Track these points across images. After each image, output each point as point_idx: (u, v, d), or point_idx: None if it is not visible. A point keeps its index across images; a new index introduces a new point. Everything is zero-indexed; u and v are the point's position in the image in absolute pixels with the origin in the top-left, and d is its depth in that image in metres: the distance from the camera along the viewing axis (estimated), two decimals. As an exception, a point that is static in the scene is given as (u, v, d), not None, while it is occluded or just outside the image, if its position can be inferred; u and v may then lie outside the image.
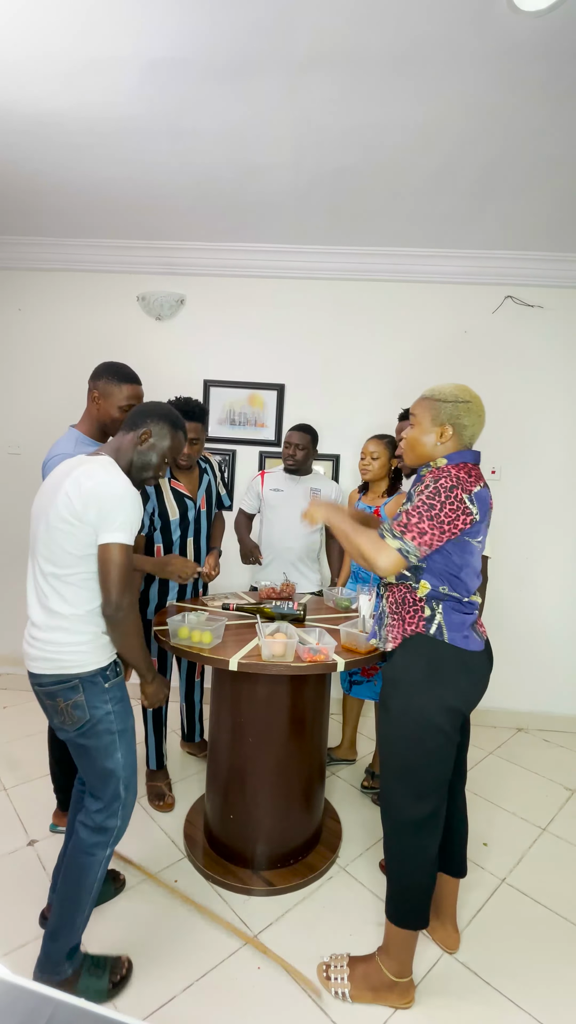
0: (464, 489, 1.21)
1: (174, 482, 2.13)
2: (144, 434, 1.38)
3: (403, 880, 1.35)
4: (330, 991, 1.38)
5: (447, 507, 1.20)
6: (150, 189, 2.42)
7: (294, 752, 1.75)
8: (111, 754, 1.33)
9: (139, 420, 1.41)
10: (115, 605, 1.25)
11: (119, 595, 1.25)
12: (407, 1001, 1.36)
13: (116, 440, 1.42)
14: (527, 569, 3.01)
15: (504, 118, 1.86)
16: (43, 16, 1.53)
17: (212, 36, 1.58)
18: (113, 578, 1.24)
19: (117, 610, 1.25)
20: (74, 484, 1.24)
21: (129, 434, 1.39)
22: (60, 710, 1.30)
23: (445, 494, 1.20)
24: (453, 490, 1.20)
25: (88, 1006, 0.43)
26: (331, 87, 1.76)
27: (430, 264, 2.90)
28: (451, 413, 1.31)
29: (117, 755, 1.34)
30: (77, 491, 1.23)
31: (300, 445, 2.44)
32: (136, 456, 1.39)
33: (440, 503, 1.20)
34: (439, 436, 1.32)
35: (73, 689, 1.29)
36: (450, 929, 1.54)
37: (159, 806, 2.12)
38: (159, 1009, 1.32)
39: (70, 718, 1.30)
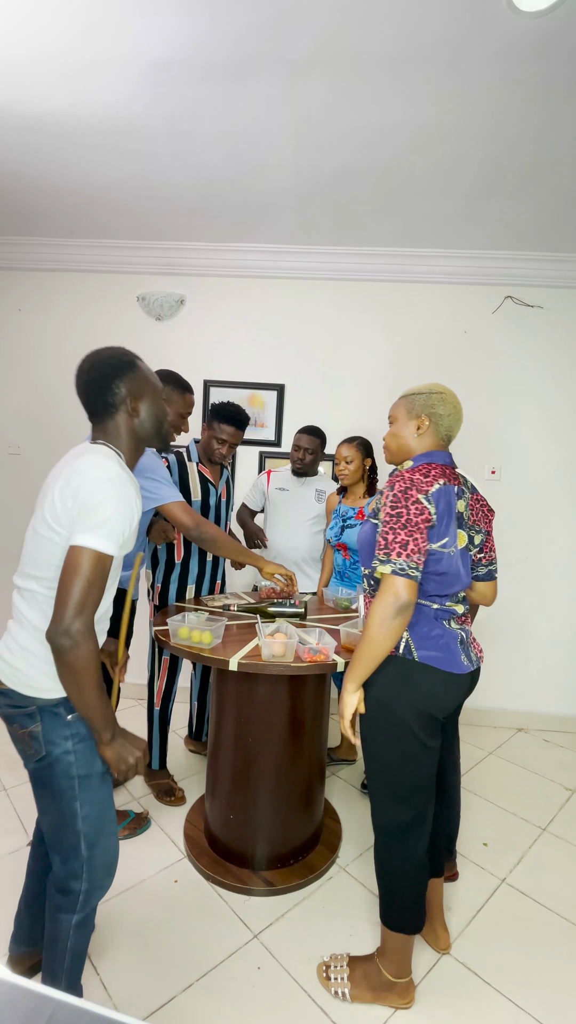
0: (418, 489, 1.20)
1: (201, 467, 2.21)
2: (132, 402, 1.16)
3: (391, 884, 1.36)
4: (330, 991, 1.38)
5: (411, 509, 1.18)
6: (150, 189, 2.42)
7: (294, 752, 1.75)
8: (67, 803, 1.09)
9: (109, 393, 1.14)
10: (64, 625, 0.96)
11: (74, 612, 0.97)
12: (407, 1001, 1.36)
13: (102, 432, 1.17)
14: (527, 569, 3.01)
15: (504, 118, 1.86)
16: (43, 16, 1.53)
17: (212, 36, 1.58)
18: (73, 588, 0.97)
19: (65, 635, 0.96)
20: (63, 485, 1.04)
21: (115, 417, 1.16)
22: (17, 736, 1.10)
23: (403, 498, 1.19)
24: (407, 491, 1.19)
25: (88, 1006, 0.43)
26: (331, 87, 1.76)
27: (430, 264, 2.90)
28: (424, 403, 1.34)
29: (75, 804, 1.09)
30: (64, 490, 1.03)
31: (309, 449, 2.46)
32: (139, 429, 1.18)
33: (404, 507, 1.19)
34: (416, 428, 1.34)
35: (30, 717, 1.07)
36: (439, 929, 1.54)
37: (170, 801, 2.13)
38: (159, 1009, 1.32)
39: (28, 747, 1.09)
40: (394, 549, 1.17)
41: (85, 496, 1.01)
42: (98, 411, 1.16)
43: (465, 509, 1.32)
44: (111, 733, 1.06)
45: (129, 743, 1.09)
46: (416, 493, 1.19)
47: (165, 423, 1.24)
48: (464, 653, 1.30)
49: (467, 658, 1.30)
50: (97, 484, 1.02)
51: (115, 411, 1.16)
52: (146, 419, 1.19)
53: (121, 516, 1.03)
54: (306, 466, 2.49)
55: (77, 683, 1.00)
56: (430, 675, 1.25)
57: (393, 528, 1.18)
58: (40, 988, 0.44)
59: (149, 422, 1.20)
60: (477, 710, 3.01)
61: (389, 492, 1.22)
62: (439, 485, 1.22)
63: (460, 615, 1.34)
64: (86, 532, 1.00)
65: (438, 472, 1.25)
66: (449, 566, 1.27)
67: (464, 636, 1.33)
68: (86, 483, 1.02)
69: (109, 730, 1.06)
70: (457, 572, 1.30)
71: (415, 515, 1.18)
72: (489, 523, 1.41)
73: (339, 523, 2.31)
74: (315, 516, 2.52)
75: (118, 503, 1.03)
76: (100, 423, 1.17)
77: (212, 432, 2.16)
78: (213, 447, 2.15)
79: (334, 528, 2.33)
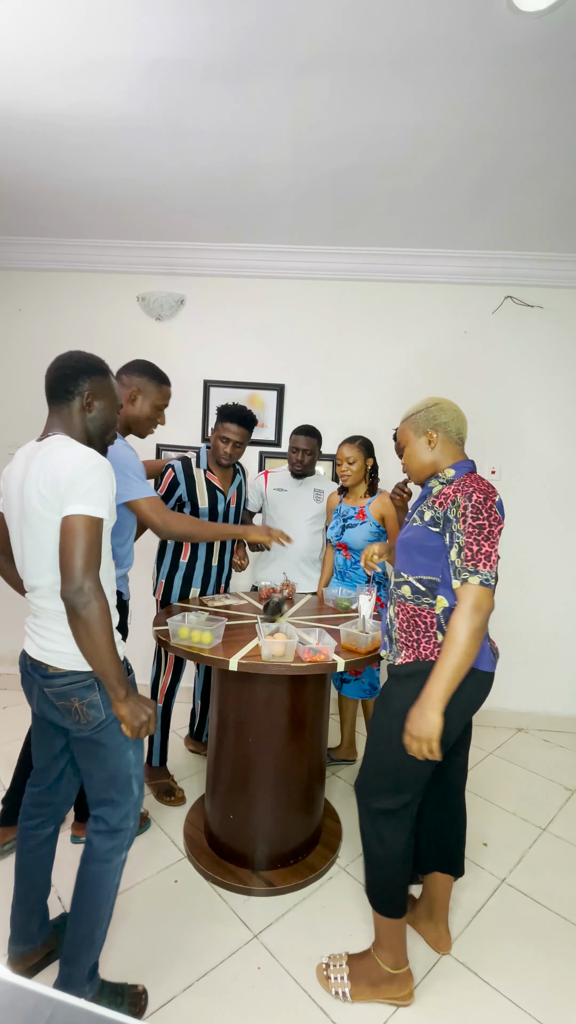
0: (492, 499, 1.25)
1: (209, 474, 2.21)
2: (88, 396, 1.25)
3: (375, 866, 1.38)
4: (330, 991, 1.38)
5: (492, 519, 1.23)
6: (150, 189, 2.42)
7: (294, 752, 1.75)
8: (123, 752, 1.26)
9: (70, 384, 1.24)
10: (77, 584, 1.06)
11: (83, 571, 1.06)
12: (406, 993, 1.36)
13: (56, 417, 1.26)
14: (527, 569, 3.01)
15: (504, 118, 1.86)
16: (42, 16, 1.53)
17: (212, 36, 1.58)
18: (76, 550, 1.07)
19: (79, 592, 1.06)
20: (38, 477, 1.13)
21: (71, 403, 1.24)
22: (74, 710, 1.21)
23: (483, 508, 1.23)
24: (486, 502, 1.24)
25: (88, 1006, 0.43)
26: (331, 87, 1.76)
27: (430, 264, 2.90)
28: (426, 418, 1.39)
29: (130, 753, 1.27)
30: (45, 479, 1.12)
31: (307, 450, 2.45)
32: (90, 424, 1.26)
33: (486, 519, 1.22)
34: (428, 443, 1.38)
35: (89, 687, 1.20)
36: (442, 931, 1.55)
37: (170, 801, 2.13)
38: (159, 1009, 1.32)
39: (85, 717, 1.21)
40: (480, 560, 1.20)
41: (69, 474, 1.11)
42: (57, 395, 1.25)
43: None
44: (125, 690, 1.16)
45: (138, 701, 1.19)
46: (492, 503, 1.24)
47: (111, 433, 1.33)
48: (491, 651, 1.34)
49: (494, 655, 1.35)
50: (76, 461, 1.13)
51: (71, 399, 1.25)
52: (97, 417, 1.28)
53: (104, 483, 1.14)
54: (305, 467, 2.48)
55: (93, 639, 1.09)
56: (471, 676, 1.27)
57: (477, 540, 1.21)
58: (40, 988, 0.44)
59: (98, 422, 1.29)
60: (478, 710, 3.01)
61: (467, 503, 1.23)
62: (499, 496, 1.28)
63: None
64: (76, 502, 1.10)
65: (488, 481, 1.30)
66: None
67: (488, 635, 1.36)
68: (66, 464, 1.12)
69: (124, 687, 1.16)
70: None
71: (494, 525, 1.22)
72: None
73: (340, 523, 2.30)
74: (314, 516, 2.52)
75: (100, 472, 1.14)
76: (56, 407, 1.26)
77: (218, 432, 2.16)
78: (219, 447, 2.15)
79: (335, 528, 2.32)
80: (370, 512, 2.23)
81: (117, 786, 1.26)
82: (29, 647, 1.27)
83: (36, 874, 1.38)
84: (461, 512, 1.24)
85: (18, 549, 1.24)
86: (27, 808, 1.40)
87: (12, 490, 1.24)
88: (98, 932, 1.27)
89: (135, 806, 1.30)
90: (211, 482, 2.20)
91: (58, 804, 1.40)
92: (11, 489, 1.24)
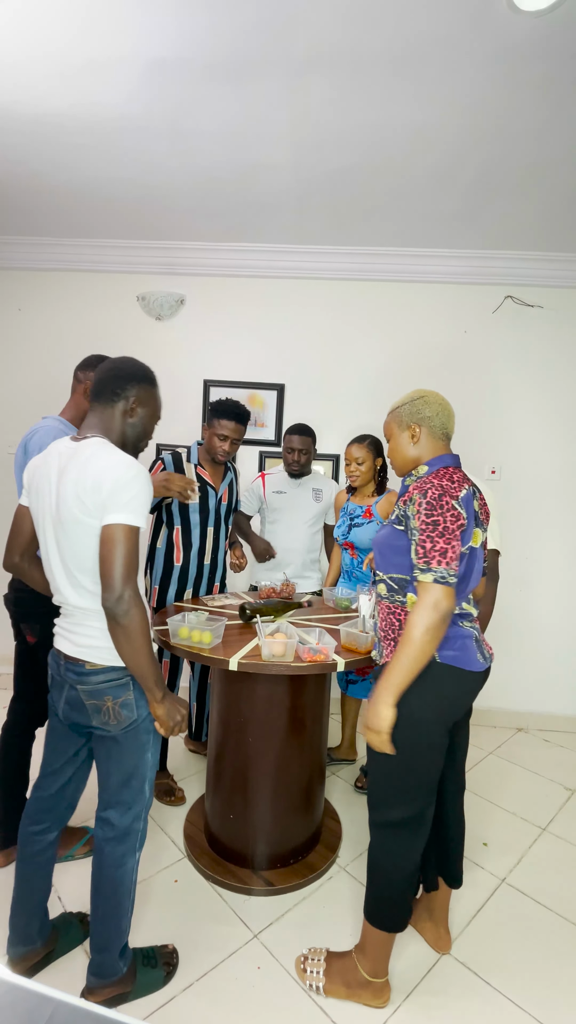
0: (451, 495, 1.21)
1: (199, 469, 2.18)
2: (134, 402, 1.28)
3: (381, 881, 1.35)
4: (305, 983, 1.39)
5: (447, 515, 1.19)
6: (150, 189, 2.42)
7: (294, 752, 1.75)
8: (143, 754, 1.27)
9: (119, 387, 1.27)
10: (118, 593, 1.10)
11: (123, 581, 1.10)
12: (381, 1002, 1.35)
13: (97, 417, 1.27)
14: (527, 569, 3.01)
15: (504, 118, 1.86)
16: (42, 16, 1.53)
17: (212, 36, 1.58)
18: (116, 560, 1.10)
19: (119, 601, 1.10)
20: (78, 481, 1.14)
21: (115, 406, 1.27)
22: (105, 710, 1.21)
23: (437, 505, 1.20)
24: (442, 498, 1.20)
25: (88, 1006, 0.43)
26: (331, 87, 1.76)
27: (430, 264, 2.90)
28: (410, 411, 1.37)
29: (148, 755, 1.28)
30: (84, 485, 1.13)
31: (303, 449, 2.43)
32: (129, 429, 1.29)
33: (440, 515, 1.19)
34: (411, 437, 1.36)
35: (123, 687, 1.22)
36: (442, 931, 1.54)
37: (170, 801, 2.13)
38: (159, 1009, 1.32)
39: (116, 717, 1.22)
40: (434, 557, 1.18)
41: (112, 482, 1.12)
42: (103, 395, 1.27)
43: (479, 508, 1.33)
44: (163, 692, 1.20)
45: (174, 701, 1.24)
46: (450, 499, 1.20)
47: (145, 441, 1.35)
48: (479, 651, 1.32)
49: (482, 656, 1.32)
50: (119, 469, 1.14)
51: (116, 401, 1.27)
52: (137, 424, 1.30)
53: (145, 492, 1.16)
54: (302, 467, 2.46)
55: (133, 645, 1.13)
56: (451, 675, 1.26)
57: (431, 536, 1.19)
58: (40, 988, 0.44)
59: (137, 428, 1.31)
60: (477, 710, 3.01)
61: (422, 500, 1.22)
62: (466, 490, 1.24)
63: (474, 616, 1.35)
64: (118, 511, 1.12)
65: (461, 476, 1.26)
66: (467, 567, 1.29)
67: (477, 635, 1.34)
68: (109, 470, 1.13)
69: (161, 688, 1.20)
70: (470, 572, 1.30)
71: (451, 521, 1.19)
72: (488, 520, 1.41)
73: (347, 522, 2.29)
74: (313, 516, 2.51)
75: (141, 481, 1.16)
76: (100, 406, 1.27)
77: (213, 430, 2.13)
78: (215, 444, 2.13)
79: (341, 526, 2.31)
80: (377, 511, 2.22)
81: (132, 787, 1.28)
82: (63, 646, 1.26)
83: (38, 878, 1.38)
84: (416, 509, 1.23)
85: (51, 549, 1.23)
86: (32, 814, 1.38)
87: (44, 487, 1.23)
88: (124, 921, 1.31)
89: (145, 808, 1.31)
90: (201, 477, 2.18)
91: (62, 810, 1.40)
92: (43, 486, 1.23)
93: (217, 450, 2.14)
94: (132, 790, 1.28)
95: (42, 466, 1.25)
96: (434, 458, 1.34)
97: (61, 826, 1.41)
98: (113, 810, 1.28)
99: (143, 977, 1.35)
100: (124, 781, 1.27)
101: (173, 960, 1.43)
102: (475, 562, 1.31)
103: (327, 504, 2.54)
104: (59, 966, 1.41)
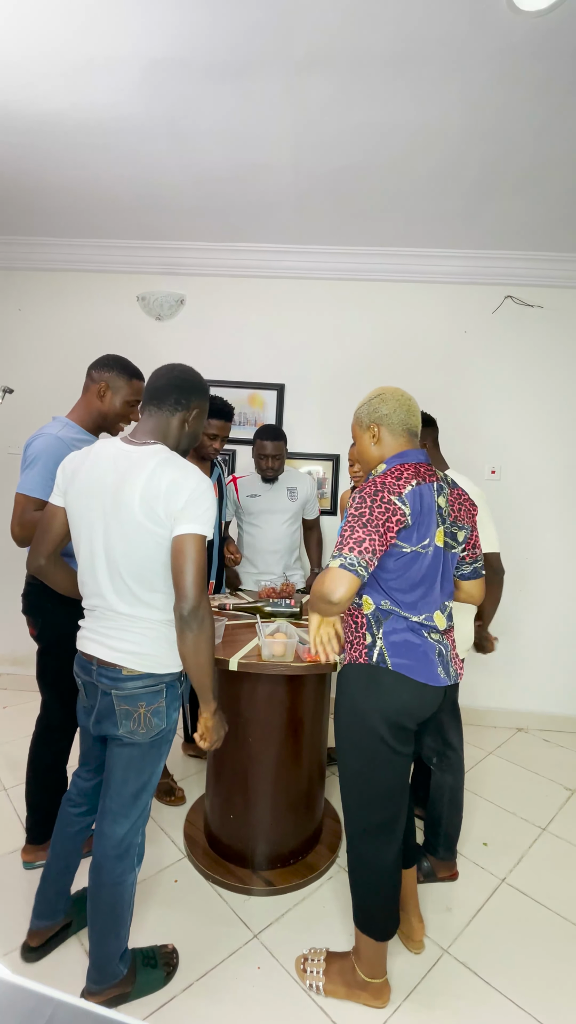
0: (390, 491, 1.19)
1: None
2: (195, 414, 1.30)
3: (361, 889, 1.36)
4: (305, 983, 1.39)
5: (376, 510, 1.17)
6: (150, 189, 2.42)
7: (294, 752, 1.75)
8: (157, 765, 1.28)
9: (184, 397, 1.28)
10: (194, 604, 1.11)
11: (199, 592, 1.11)
12: (381, 1002, 1.35)
13: (155, 422, 1.27)
14: (527, 569, 3.01)
15: (504, 117, 1.86)
16: (42, 16, 1.53)
17: (212, 36, 1.58)
18: (191, 569, 1.11)
19: (196, 610, 1.11)
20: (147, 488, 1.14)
21: (176, 415, 1.27)
22: (136, 716, 1.21)
23: (370, 499, 1.18)
24: (377, 494, 1.19)
25: (88, 1006, 0.43)
26: (331, 87, 1.76)
27: (430, 264, 2.90)
28: (368, 412, 1.35)
29: (160, 766, 1.29)
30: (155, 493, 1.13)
31: (276, 455, 2.37)
32: (185, 439, 1.31)
33: (368, 508, 1.17)
34: (371, 437, 1.34)
35: (157, 694, 1.22)
36: (415, 922, 1.52)
37: (170, 801, 2.13)
38: (159, 1009, 1.32)
39: (146, 725, 1.21)
40: (347, 544, 1.15)
41: (188, 494, 1.14)
42: (165, 402, 1.27)
43: (446, 505, 1.29)
44: (217, 703, 1.24)
45: (224, 718, 1.28)
46: (388, 495, 1.18)
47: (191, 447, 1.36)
48: (441, 666, 1.27)
49: (444, 672, 1.27)
50: (193, 482, 1.16)
51: (178, 411, 1.28)
52: (190, 435, 1.33)
53: (214, 506, 1.19)
54: (276, 472, 2.41)
55: (201, 654, 1.15)
56: (402, 684, 1.23)
57: (352, 526, 1.17)
58: (40, 988, 0.44)
59: (190, 439, 1.34)
60: (477, 710, 3.01)
61: (356, 495, 1.22)
62: (412, 486, 1.20)
63: (442, 629, 1.30)
64: (192, 521, 1.13)
65: (411, 473, 1.23)
66: (425, 571, 1.24)
67: (444, 650, 1.29)
68: (183, 481, 1.15)
69: (217, 700, 1.23)
70: (434, 579, 1.26)
71: (379, 515, 1.17)
72: (473, 518, 1.37)
73: None
74: (291, 516, 2.48)
75: (211, 495, 1.18)
76: (158, 413, 1.28)
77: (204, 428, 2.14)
78: (205, 444, 2.14)
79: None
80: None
81: (141, 798, 1.28)
82: (96, 650, 1.23)
83: (71, 855, 1.43)
84: (350, 503, 1.23)
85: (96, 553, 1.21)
86: (72, 796, 1.43)
87: (94, 490, 1.20)
88: (123, 932, 1.31)
89: (143, 819, 1.31)
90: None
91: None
92: (91, 489, 1.21)
93: (208, 449, 2.15)
94: (141, 802, 1.28)
95: (91, 468, 1.23)
96: (393, 456, 1.30)
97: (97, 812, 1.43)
98: (117, 823, 1.27)
99: (143, 977, 1.35)
100: (137, 791, 1.27)
101: (173, 960, 1.43)
102: (436, 563, 1.26)
103: (304, 500, 2.51)
104: (59, 966, 1.41)
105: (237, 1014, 1.32)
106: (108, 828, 1.27)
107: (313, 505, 2.59)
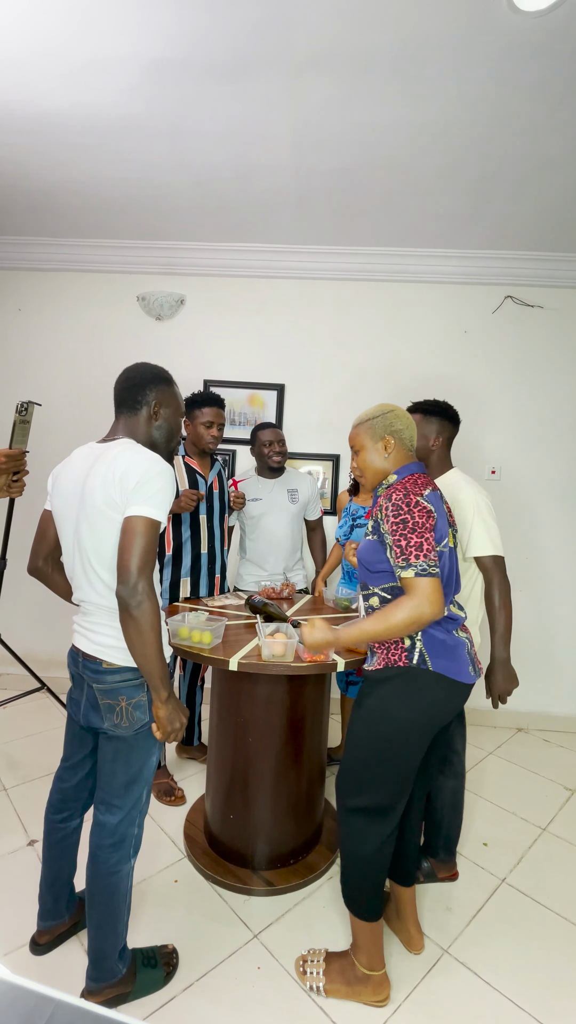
0: (415, 493, 1.25)
1: (187, 459, 2.21)
2: (155, 406, 1.30)
3: (351, 867, 1.37)
4: (305, 984, 1.39)
5: (415, 512, 1.22)
6: (150, 189, 2.42)
7: (294, 752, 1.75)
8: (148, 758, 1.28)
9: (139, 394, 1.30)
10: (132, 583, 1.08)
11: (138, 572, 1.09)
12: (381, 997, 1.35)
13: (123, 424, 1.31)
14: (527, 569, 3.01)
15: (504, 118, 1.86)
16: (42, 15, 1.53)
17: (212, 36, 1.58)
18: (134, 550, 1.10)
19: (133, 591, 1.08)
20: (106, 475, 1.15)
21: (139, 411, 1.30)
22: (119, 710, 1.22)
23: (404, 504, 1.23)
24: (407, 496, 1.24)
25: (88, 1006, 0.43)
26: (331, 87, 1.76)
27: (430, 264, 2.90)
28: (384, 424, 1.39)
29: (152, 759, 1.29)
30: (112, 478, 1.15)
31: (279, 441, 2.41)
32: (156, 432, 1.31)
33: (407, 512, 1.22)
34: (384, 449, 1.38)
35: (138, 688, 1.23)
36: (413, 931, 1.53)
37: (170, 801, 2.13)
38: (159, 1009, 1.32)
39: (128, 719, 1.22)
40: (411, 553, 1.19)
41: (138, 475, 1.14)
42: (126, 404, 1.31)
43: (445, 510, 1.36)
44: (168, 692, 1.19)
45: (179, 707, 1.22)
46: (414, 497, 1.24)
47: (176, 439, 1.37)
48: (471, 663, 1.32)
49: (472, 668, 1.33)
50: (145, 464, 1.17)
51: (140, 408, 1.30)
52: (163, 425, 1.33)
53: (168, 489, 1.17)
54: (284, 456, 2.43)
55: (142, 637, 1.11)
56: (441, 685, 1.27)
57: (403, 534, 1.21)
58: (40, 988, 0.44)
59: (164, 430, 1.33)
60: (477, 710, 3.01)
61: (387, 504, 1.25)
62: (430, 490, 1.29)
63: (462, 621, 1.35)
64: (141, 503, 1.13)
65: (424, 480, 1.31)
66: (447, 567, 1.30)
67: (469, 645, 1.34)
68: (136, 465, 1.16)
69: (167, 688, 1.18)
70: (451, 573, 1.32)
71: (420, 516, 1.22)
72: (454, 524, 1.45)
73: (348, 522, 2.29)
74: (293, 518, 2.48)
75: (165, 478, 1.17)
76: (125, 415, 1.31)
77: (196, 420, 2.17)
78: (202, 434, 2.16)
79: (343, 527, 2.31)
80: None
81: (133, 790, 1.28)
82: (82, 643, 1.28)
83: (64, 861, 1.43)
84: (384, 514, 1.26)
85: (73, 549, 1.25)
86: (55, 803, 1.43)
87: (69, 489, 1.25)
88: (121, 927, 1.31)
89: (141, 812, 1.31)
90: (191, 466, 2.20)
91: (84, 798, 1.44)
92: (67, 488, 1.25)
93: (206, 438, 2.17)
94: (133, 793, 1.28)
95: (68, 470, 1.28)
96: (402, 467, 1.38)
97: (84, 812, 1.45)
98: (111, 813, 1.28)
99: (143, 977, 1.35)
100: (128, 783, 1.28)
101: (173, 960, 1.43)
102: (453, 562, 1.32)
103: (306, 501, 2.51)
104: (59, 966, 1.41)
105: (237, 1014, 1.32)
106: (102, 817, 1.29)
107: (315, 505, 2.59)
